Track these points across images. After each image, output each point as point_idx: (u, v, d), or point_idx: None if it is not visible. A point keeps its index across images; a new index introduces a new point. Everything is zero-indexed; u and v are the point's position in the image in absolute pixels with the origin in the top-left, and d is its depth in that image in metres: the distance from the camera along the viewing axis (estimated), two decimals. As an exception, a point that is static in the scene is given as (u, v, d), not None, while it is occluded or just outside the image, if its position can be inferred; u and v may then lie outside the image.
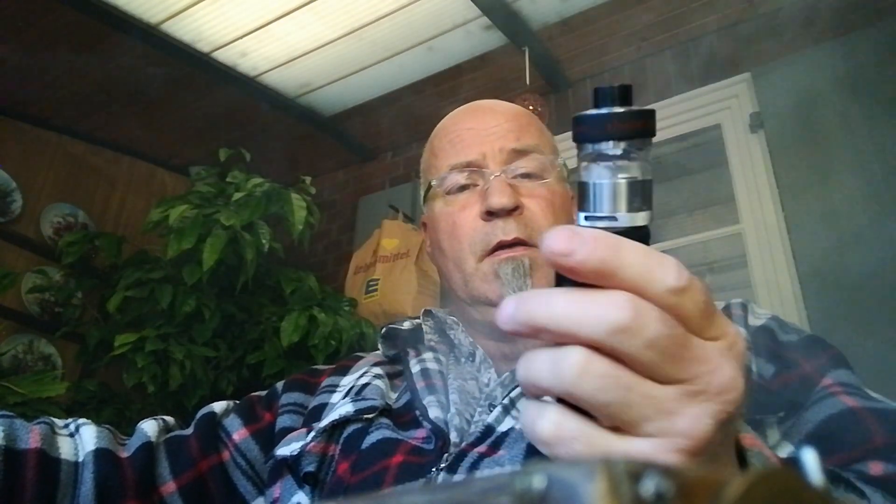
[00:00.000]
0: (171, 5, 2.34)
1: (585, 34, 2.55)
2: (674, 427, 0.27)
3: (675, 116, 2.50)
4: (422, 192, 0.80)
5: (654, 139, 0.31)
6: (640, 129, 0.31)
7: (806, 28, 2.32)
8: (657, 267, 0.28)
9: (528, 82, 2.53)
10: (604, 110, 0.30)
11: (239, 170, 2.54)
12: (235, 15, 2.40)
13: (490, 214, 0.69)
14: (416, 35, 2.54)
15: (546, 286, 0.69)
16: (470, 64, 2.70)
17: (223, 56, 2.61)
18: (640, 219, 0.31)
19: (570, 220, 0.74)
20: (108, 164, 3.09)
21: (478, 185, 0.72)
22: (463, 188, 0.73)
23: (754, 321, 0.66)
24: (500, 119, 0.75)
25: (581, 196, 0.32)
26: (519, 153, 0.73)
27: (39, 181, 2.80)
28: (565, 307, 0.28)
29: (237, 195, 2.36)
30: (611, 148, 0.31)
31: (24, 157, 2.77)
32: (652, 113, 0.31)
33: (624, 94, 0.31)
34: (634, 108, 0.30)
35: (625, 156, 0.31)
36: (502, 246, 0.68)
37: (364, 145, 3.23)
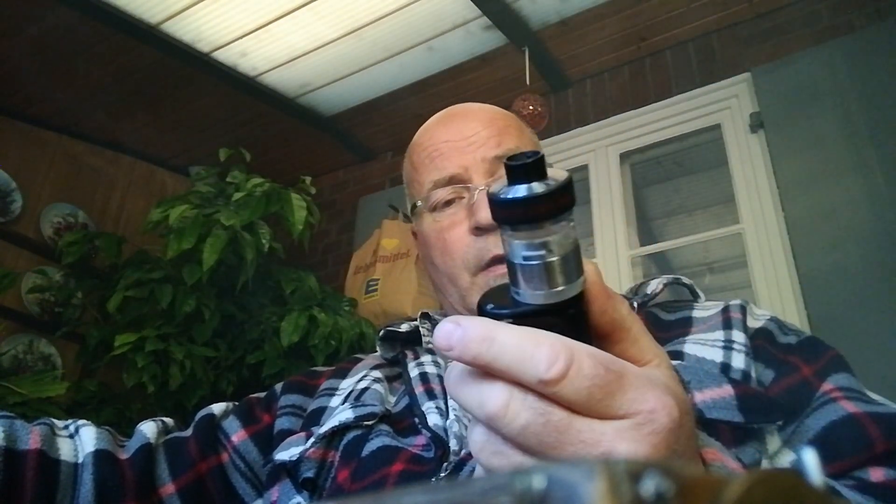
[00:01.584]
0: (171, 5, 2.34)
1: (585, 34, 2.55)
2: None
3: (675, 116, 2.50)
4: (408, 206, 0.79)
5: (654, 140, 0.31)
6: (558, 207, 0.30)
7: (806, 28, 2.32)
8: (529, 359, 0.28)
9: (528, 82, 2.53)
10: (521, 192, 0.29)
11: (239, 170, 2.54)
12: (235, 15, 2.40)
13: (480, 230, 0.68)
14: (416, 35, 2.54)
15: None
16: (470, 64, 2.70)
17: (223, 56, 2.62)
18: (556, 295, 0.31)
19: None
20: (108, 164, 3.09)
21: (464, 199, 0.71)
22: (448, 203, 0.72)
23: (753, 322, 0.65)
24: (477, 126, 0.73)
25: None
26: (502, 159, 0.71)
27: (39, 181, 2.80)
28: (463, 390, 0.30)
29: (237, 195, 2.36)
30: (530, 229, 0.30)
31: (24, 157, 2.77)
32: (568, 186, 0.30)
33: (538, 168, 0.29)
34: (552, 185, 0.29)
35: (544, 233, 0.30)
36: (496, 260, 0.68)
37: (364, 145, 3.23)
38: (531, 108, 2.40)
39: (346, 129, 3.12)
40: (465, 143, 0.72)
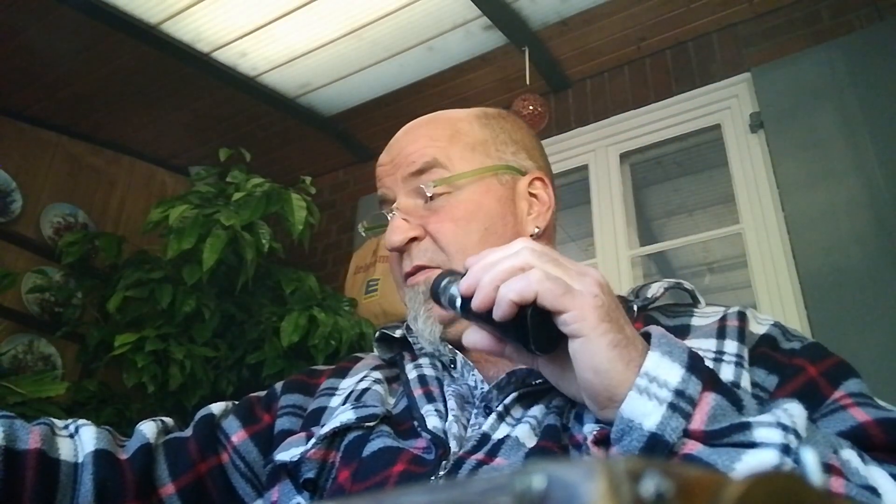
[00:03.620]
0: (171, 5, 2.34)
1: (585, 34, 2.55)
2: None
3: (675, 116, 2.49)
4: None
5: (654, 140, 0.35)
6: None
7: (806, 28, 2.32)
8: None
9: (528, 82, 2.53)
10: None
11: (239, 170, 2.54)
12: (235, 15, 2.40)
13: (392, 249, 0.72)
14: (416, 35, 2.54)
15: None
16: (470, 64, 2.70)
17: (223, 56, 2.61)
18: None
19: (486, 219, 0.71)
20: (108, 164, 3.08)
21: None
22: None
23: (756, 328, 0.64)
24: (400, 147, 0.75)
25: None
26: (418, 173, 0.72)
27: (39, 181, 2.80)
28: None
29: (237, 195, 2.36)
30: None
31: (24, 157, 2.77)
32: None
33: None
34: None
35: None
36: (408, 274, 0.72)
37: (364, 145, 3.23)
38: (531, 108, 2.39)
39: (346, 129, 3.12)
40: (391, 167, 0.75)
